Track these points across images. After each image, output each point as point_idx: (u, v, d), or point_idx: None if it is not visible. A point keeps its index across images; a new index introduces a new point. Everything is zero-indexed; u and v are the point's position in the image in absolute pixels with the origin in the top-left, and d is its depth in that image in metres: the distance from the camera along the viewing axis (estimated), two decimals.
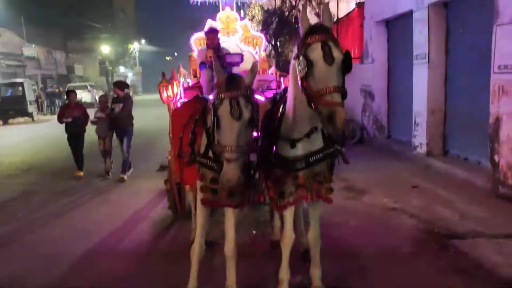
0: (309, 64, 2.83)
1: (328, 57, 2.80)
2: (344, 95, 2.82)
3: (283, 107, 3.42)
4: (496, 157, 6.36)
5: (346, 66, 2.88)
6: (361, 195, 6.72)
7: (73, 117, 8.53)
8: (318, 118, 2.93)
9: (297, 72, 2.94)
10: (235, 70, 6.40)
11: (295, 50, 3.04)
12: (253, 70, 3.10)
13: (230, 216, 3.51)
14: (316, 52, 2.82)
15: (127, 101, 8.48)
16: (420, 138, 8.75)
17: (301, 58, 2.86)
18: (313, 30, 2.92)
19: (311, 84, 2.84)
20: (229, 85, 2.95)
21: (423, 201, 6.24)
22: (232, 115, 2.82)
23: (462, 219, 5.41)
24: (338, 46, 2.88)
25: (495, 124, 6.35)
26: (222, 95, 2.91)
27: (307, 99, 2.92)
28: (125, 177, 8.22)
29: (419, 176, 7.73)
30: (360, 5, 12.54)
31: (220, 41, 6.58)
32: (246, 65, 6.90)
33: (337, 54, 2.83)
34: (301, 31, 3.00)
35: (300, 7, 17.84)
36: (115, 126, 8.43)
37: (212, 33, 6.33)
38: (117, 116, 8.29)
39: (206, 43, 6.44)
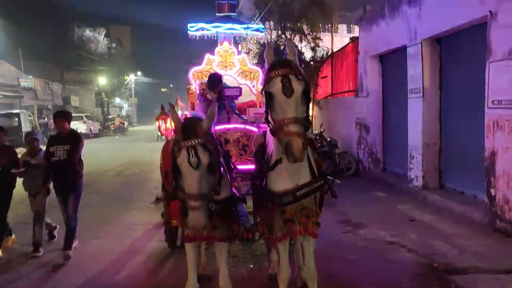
0: (270, 97, 2.98)
1: (286, 90, 2.92)
2: (305, 126, 2.94)
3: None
4: (492, 191, 6.38)
5: (307, 96, 3.02)
6: (358, 228, 6.68)
7: None
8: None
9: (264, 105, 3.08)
10: (235, 101, 6.52)
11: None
12: (210, 115, 3.07)
13: (219, 249, 3.49)
14: (276, 86, 2.96)
15: (74, 141, 5.77)
16: (415, 171, 8.78)
17: (264, 92, 3.03)
18: (275, 64, 3.07)
19: (273, 116, 2.99)
20: (186, 133, 2.93)
21: (421, 235, 6.21)
22: (190, 164, 2.83)
23: (461, 253, 5.38)
24: (299, 79, 2.99)
25: (491, 158, 6.40)
26: (180, 143, 2.91)
27: (270, 131, 3.07)
28: (71, 252, 5.61)
29: (416, 209, 7.73)
30: (354, 40, 12.84)
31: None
32: (244, 98, 7.02)
33: (296, 87, 2.95)
34: (266, 66, 3.12)
35: (296, 41, 18.23)
36: (56, 177, 5.81)
37: (216, 87, 6.18)
38: (59, 163, 5.63)
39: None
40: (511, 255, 5.29)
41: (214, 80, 6.28)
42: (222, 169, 3.37)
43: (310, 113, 3.16)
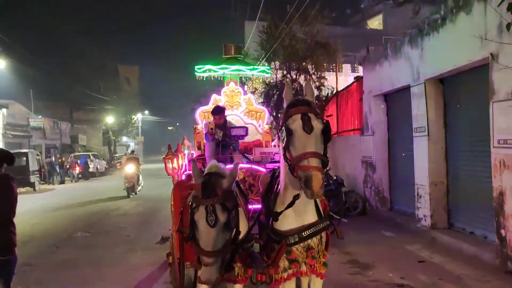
0: (290, 133, 3.00)
1: (307, 126, 2.96)
2: (324, 163, 2.93)
3: (279, 181, 3.49)
4: (502, 232, 6.28)
5: (326, 135, 3.03)
6: (366, 269, 6.55)
7: None
8: (299, 186, 2.99)
9: (280, 142, 3.07)
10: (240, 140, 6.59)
11: (280, 123, 3.21)
12: (233, 172, 3.10)
13: None
14: (296, 122, 3.00)
15: (5, 186, 4.07)
16: (423, 210, 8.69)
17: (283, 128, 3.04)
18: (295, 103, 3.11)
19: (292, 152, 2.98)
20: (205, 191, 2.95)
21: (431, 276, 6.07)
22: (208, 223, 2.85)
23: None
24: (318, 118, 3.04)
25: (499, 198, 6.34)
26: (199, 200, 2.93)
27: (289, 167, 3.04)
28: None
29: (425, 249, 7.59)
30: (358, 79, 13.01)
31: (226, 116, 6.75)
32: (250, 137, 7.09)
33: (316, 124, 2.99)
34: (285, 104, 3.17)
35: (301, 80, 18.50)
36: None
37: (219, 114, 6.49)
38: None
39: (214, 121, 6.58)
40: None
41: (218, 108, 6.58)
42: (242, 209, 3.38)
43: None
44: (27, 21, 36.03)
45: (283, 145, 3.05)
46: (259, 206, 4.55)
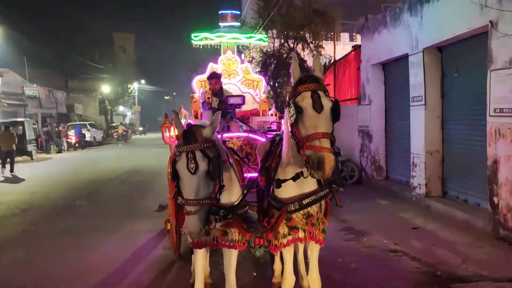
0: (299, 111, 2.97)
1: (317, 105, 2.93)
2: (332, 142, 2.92)
3: (280, 150, 3.51)
4: (495, 199, 6.38)
5: (335, 114, 3.01)
6: (361, 236, 6.69)
7: None
8: (303, 164, 3.01)
9: (288, 119, 3.06)
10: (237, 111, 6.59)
11: (287, 98, 3.18)
12: (213, 123, 3.11)
13: (228, 256, 3.50)
14: (305, 100, 2.97)
15: None
16: (418, 179, 8.79)
17: (291, 105, 3.01)
18: (304, 79, 3.07)
19: (301, 130, 2.97)
20: (186, 138, 2.97)
21: (424, 243, 6.21)
22: (188, 169, 2.86)
23: (464, 262, 5.38)
24: (328, 96, 3.02)
25: (493, 167, 6.41)
26: (180, 148, 2.95)
27: (296, 145, 3.04)
28: None
29: (419, 217, 7.74)
30: (356, 48, 12.89)
31: (222, 84, 6.73)
32: (247, 106, 7.07)
33: (326, 103, 2.97)
34: (292, 80, 3.14)
35: (298, 49, 18.32)
36: None
37: (215, 78, 6.49)
38: None
39: (209, 87, 6.58)
40: None
41: (214, 74, 6.61)
42: (235, 175, 3.41)
43: None
44: None
45: (291, 121, 3.03)
46: (255, 174, 4.60)
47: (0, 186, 13.20)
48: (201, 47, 8.46)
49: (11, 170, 15.93)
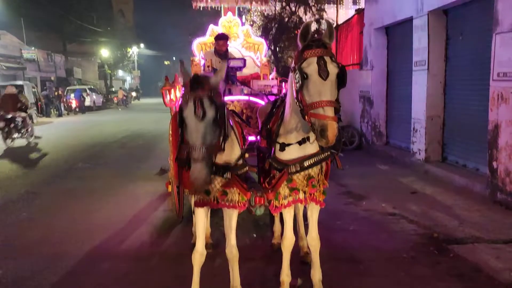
0: (304, 77, 2.93)
1: (323, 72, 2.89)
2: (337, 109, 2.91)
3: (282, 112, 3.50)
4: (494, 164, 6.42)
5: (341, 81, 2.97)
6: (360, 200, 6.76)
7: None
8: (309, 128, 3.02)
9: (293, 84, 3.03)
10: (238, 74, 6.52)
11: (293, 62, 3.13)
12: (219, 72, 3.08)
13: (229, 217, 3.54)
14: (311, 66, 2.92)
15: None
16: (418, 144, 8.81)
17: (297, 70, 2.96)
18: (310, 44, 3.00)
19: (305, 97, 2.95)
20: (194, 85, 2.94)
21: (422, 206, 6.29)
22: (196, 115, 2.84)
23: (461, 224, 5.46)
24: (334, 61, 2.96)
25: (494, 131, 6.41)
26: (187, 96, 2.92)
27: (300, 111, 3.03)
28: None
29: (418, 182, 7.80)
30: (359, 12, 12.63)
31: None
32: (248, 70, 7.00)
33: (332, 69, 2.92)
34: (299, 44, 3.08)
35: (300, 13, 17.99)
36: None
37: (223, 40, 6.39)
38: None
39: (215, 48, 6.48)
40: (510, 226, 5.36)
41: (223, 35, 6.54)
42: (235, 137, 3.41)
43: None
44: None
45: (296, 87, 3.00)
46: (254, 138, 4.60)
47: (2, 149, 13.22)
48: (201, 8, 8.31)
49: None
